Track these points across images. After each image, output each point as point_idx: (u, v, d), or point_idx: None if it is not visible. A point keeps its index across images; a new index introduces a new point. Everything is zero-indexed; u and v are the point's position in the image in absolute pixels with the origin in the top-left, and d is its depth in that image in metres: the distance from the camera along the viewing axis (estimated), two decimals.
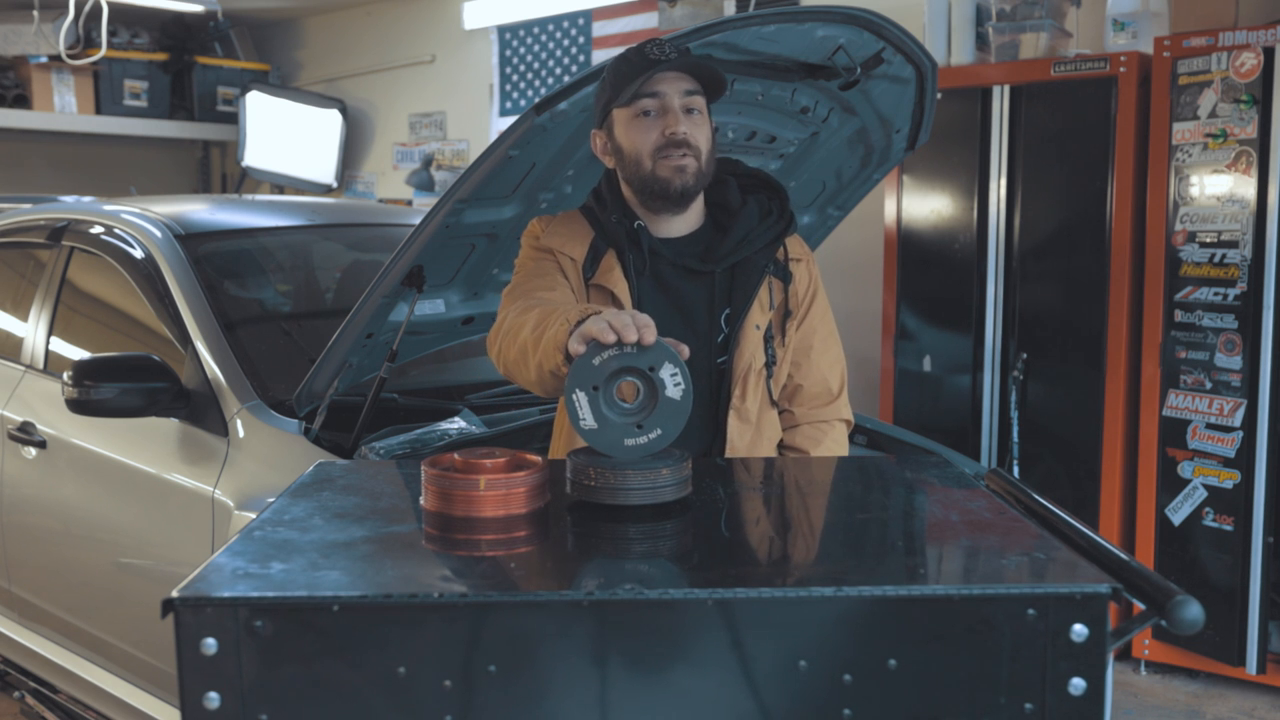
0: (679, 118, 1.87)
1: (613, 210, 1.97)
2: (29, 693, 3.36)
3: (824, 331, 2.10)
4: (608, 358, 1.42)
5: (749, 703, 1.09)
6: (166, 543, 2.69)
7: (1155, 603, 1.12)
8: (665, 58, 1.85)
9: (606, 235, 1.98)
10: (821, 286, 2.13)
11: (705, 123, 1.92)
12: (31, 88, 7.03)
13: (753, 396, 2.00)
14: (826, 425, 2.10)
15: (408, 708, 1.09)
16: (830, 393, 2.10)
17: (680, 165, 1.88)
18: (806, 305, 2.08)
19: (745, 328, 1.99)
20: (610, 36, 5.98)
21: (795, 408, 2.09)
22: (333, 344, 2.39)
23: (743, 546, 1.39)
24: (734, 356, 1.98)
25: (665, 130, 1.87)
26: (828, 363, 2.10)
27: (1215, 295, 3.69)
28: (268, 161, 7.51)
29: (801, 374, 2.08)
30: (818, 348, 2.09)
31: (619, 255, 1.96)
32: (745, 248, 1.99)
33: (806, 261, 2.10)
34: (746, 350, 1.99)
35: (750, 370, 1.99)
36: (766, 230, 2.01)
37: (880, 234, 4.49)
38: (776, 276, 2.03)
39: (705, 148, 1.91)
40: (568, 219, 2.04)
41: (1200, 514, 3.78)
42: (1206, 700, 3.81)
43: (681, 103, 1.88)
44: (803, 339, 2.08)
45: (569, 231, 2.01)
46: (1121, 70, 3.84)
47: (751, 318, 1.99)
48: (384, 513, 1.41)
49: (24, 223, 3.71)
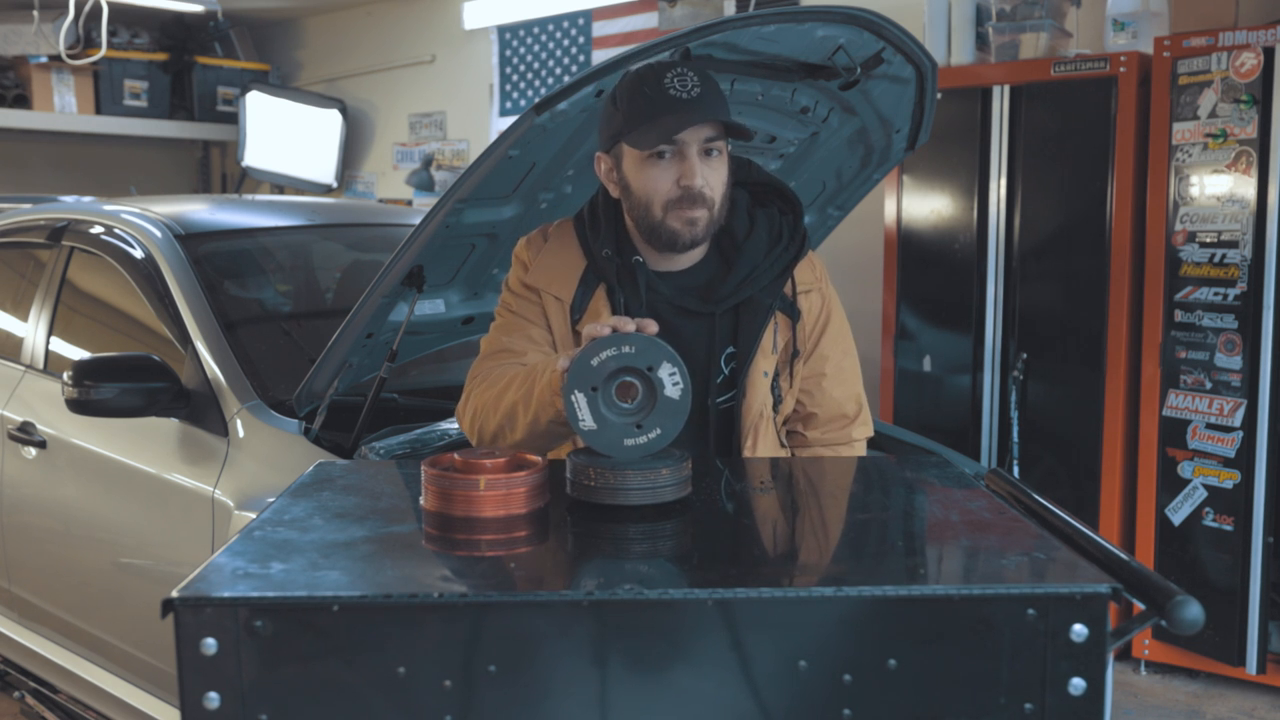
0: (695, 169, 1.75)
1: (606, 240, 1.87)
2: (29, 693, 3.36)
3: (837, 356, 1.99)
4: (606, 358, 1.42)
5: (749, 703, 1.09)
6: (166, 543, 2.69)
7: (1155, 603, 1.12)
8: (689, 97, 1.71)
9: (598, 268, 1.88)
10: (837, 307, 2.01)
11: (724, 164, 1.80)
12: (31, 88, 7.03)
13: (764, 443, 1.91)
14: (843, 447, 2.01)
15: (408, 708, 1.09)
16: (845, 418, 2.00)
17: (692, 218, 1.77)
18: (818, 335, 1.97)
19: (752, 375, 1.88)
20: (610, 36, 5.98)
21: (808, 431, 2.00)
22: (333, 344, 2.39)
23: (743, 546, 1.39)
24: (742, 407, 1.88)
25: (680, 181, 1.75)
26: (842, 389, 1.99)
27: (1215, 295, 3.69)
28: (268, 161, 7.51)
29: (814, 402, 1.99)
30: (830, 375, 1.98)
31: (609, 294, 1.86)
32: (749, 287, 1.87)
33: (819, 288, 1.98)
34: (755, 400, 1.88)
35: (761, 418, 1.89)
36: (773, 263, 1.90)
37: (880, 234, 4.49)
38: (784, 313, 1.92)
39: (721, 193, 1.80)
40: (559, 245, 1.93)
41: (1200, 514, 3.78)
42: (1206, 700, 3.81)
43: (701, 146, 1.76)
44: (813, 367, 1.97)
45: (559, 263, 1.90)
46: (1121, 70, 3.84)
47: (758, 365, 1.88)
48: (384, 513, 1.41)
49: (24, 223, 3.71)
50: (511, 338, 1.88)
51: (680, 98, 1.71)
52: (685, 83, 1.73)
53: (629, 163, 1.80)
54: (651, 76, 1.75)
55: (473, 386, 1.84)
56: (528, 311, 1.90)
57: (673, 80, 1.73)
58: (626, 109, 1.76)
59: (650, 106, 1.72)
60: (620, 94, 1.79)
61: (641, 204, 1.80)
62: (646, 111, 1.73)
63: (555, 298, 1.89)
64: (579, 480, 1.42)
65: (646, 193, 1.78)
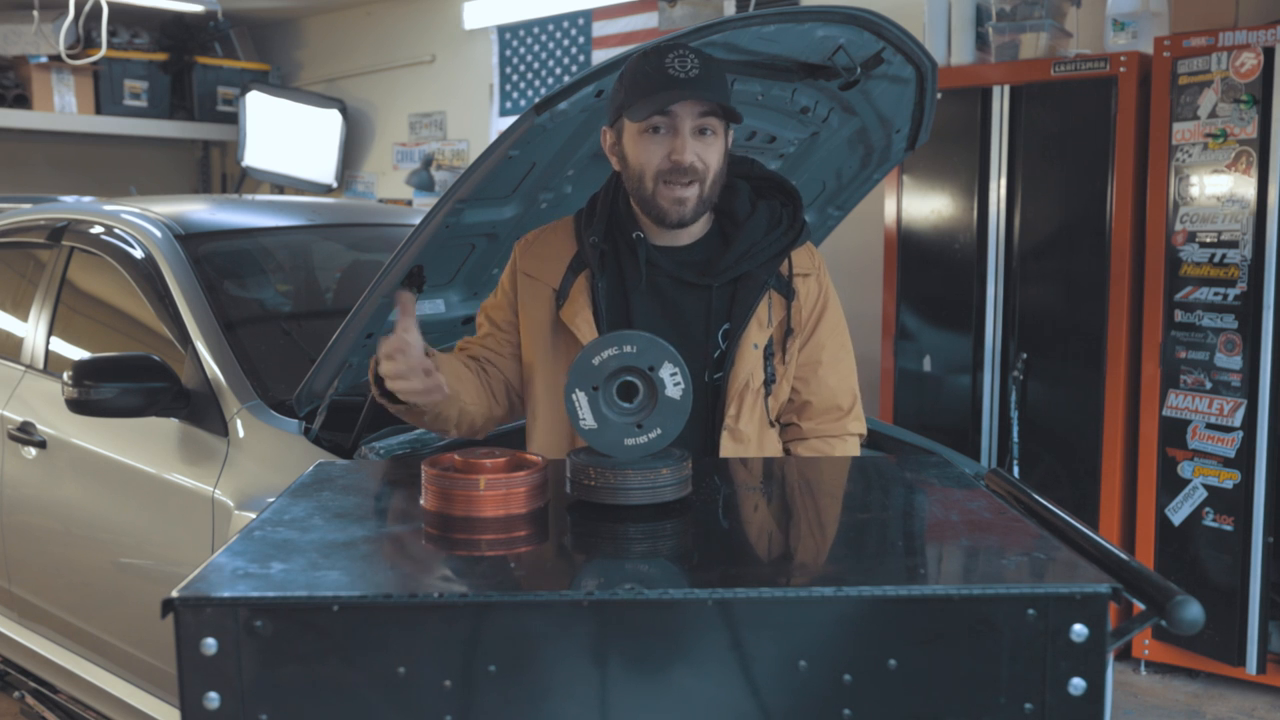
0: (686, 144, 1.82)
1: (598, 227, 1.94)
2: (29, 693, 3.36)
3: (834, 346, 2.03)
4: (607, 357, 1.42)
5: (749, 703, 1.09)
6: (166, 543, 2.69)
7: (1155, 603, 1.12)
8: (686, 76, 1.78)
9: (583, 255, 1.95)
10: (834, 300, 2.05)
11: (718, 142, 1.86)
12: (31, 88, 7.03)
13: (748, 416, 1.94)
14: (836, 439, 2.03)
15: (408, 708, 1.09)
16: (840, 409, 2.03)
17: (680, 197, 1.84)
18: (814, 320, 2.01)
19: (743, 346, 1.93)
20: (610, 36, 5.98)
21: (802, 422, 2.03)
22: (333, 344, 2.39)
23: (743, 546, 1.39)
24: (729, 375, 1.93)
25: (671, 155, 1.82)
26: (837, 379, 2.03)
27: (1215, 295, 3.69)
28: (268, 161, 7.50)
29: (809, 390, 2.02)
30: (826, 364, 2.02)
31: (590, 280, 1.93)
32: (747, 261, 1.93)
33: (816, 274, 2.03)
34: (743, 369, 1.93)
35: (747, 389, 1.93)
36: (772, 243, 1.96)
37: (880, 234, 4.49)
38: (779, 292, 1.97)
39: (713, 170, 1.86)
40: (555, 235, 2.02)
41: (1200, 514, 3.78)
42: (1206, 700, 3.81)
43: (694, 124, 1.82)
44: (810, 354, 2.01)
45: (551, 250, 2.00)
46: (1121, 70, 3.84)
47: (749, 336, 1.93)
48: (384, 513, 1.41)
49: (24, 223, 3.71)
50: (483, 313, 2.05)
51: (678, 76, 1.79)
52: (685, 63, 1.80)
53: (628, 136, 1.88)
54: (655, 55, 1.83)
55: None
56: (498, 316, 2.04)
57: (673, 60, 1.81)
58: (628, 84, 1.84)
59: (648, 82, 1.80)
60: (625, 71, 1.87)
61: (636, 176, 1.88)
62: (644, 87, 1.81)
63: (546, 285, 1.97)
64: (579, 480, 1.42)
65: (640, 164, 1.86)
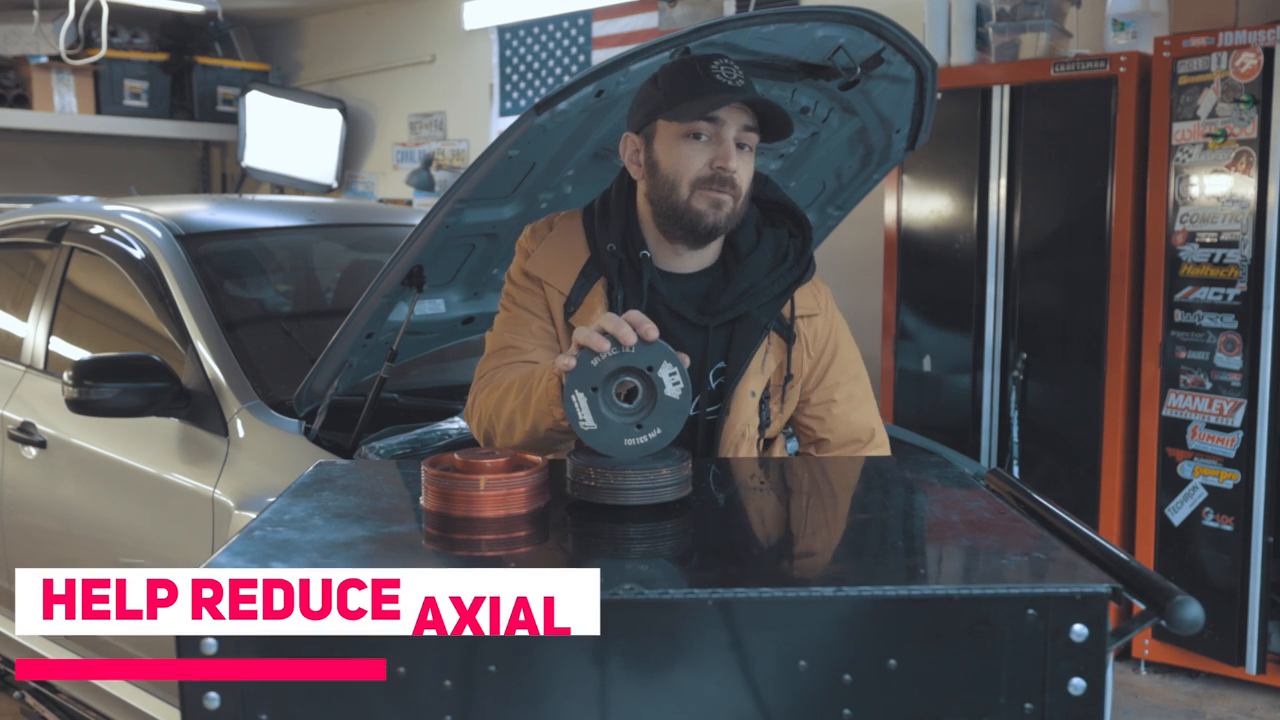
0: (731, 152, 1.75)
1: (614, 234, 1.85)
2: (29, 693, 3.36)
3: (848, 384, 1.97)
4: (606, 358, 1.42)
5: (749, 703, 1.09)
6: (166, 543, 2.69)
7: (1155, 603, 1.12)
8: (734, 84, 1.73)
9: (600, 262, 1.86)
10: (845, 336, 1.99)
11: (751, 160, 1.80)
12: (31, 88, 7.03)
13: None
14: None
15: (408, 708, 1.09)
16: (859, 442, 1.98)
17: (718, 200, 1.75)
18: (826, 363, 1.95)
19: (739, 394, 1.85)
20: (610, 36, 5.98)
21: (820, 454, 1.98)
22: (333, 344, 2.39)
23: (743, 546, 1.39)
24: (724, 423, 1.86)
25: (714, 162, 1.75)
26: (854, 415, 1.97)
27: (1215, 295, 3.69)
28: (268, 161, 7.51)
29: (824, 428, 1.97)
30: (840, 402, 1.96)
31: (609, 290, 1.84)
32: (747, 302, 1.85)
33: (823, 314, 1.95)
34: (739, 419, 1.86)
35: (743, 438, 1.87)
36: (774, 282, 1.87)
37: (880, 234, 4.49)
38: (779, 334, 1.90)
39: (745, 189, 1.79)
40: (565, 233, 1.92)
41: (1200, 514, 3.78)
42: (1206, 700, 3.81)
43: (737, 136, 1.76)
44: (823, 395, 1.96)
45: (561, 253, 1.89)
46: (1121, 70, 3.84)
47: (746, 383, 1.86)
48: (384, 513, 1.41)
49: (24, 223, 3.71)
50: (515, 333, 1.88)
51: (725, 82, 1.73)
52: (731, 72, 1.76)
53: (661, 141, 1.79)
54: (698, 61, 1.77)
55: (477, 389, 1.83)
56: (530, 303, 1.89)
57: (719, 68, 1.75)
58: (668, 87, 1.77)
59: (696, 84, 1.74)
60: (662, 75, 1.81)
61: (668, 183, 1.78)
62: (692, 89, 1.74)
63: (556, 289, 1.88)
64: (579, 480, 1.42)
65: (676, 171, 1.77)
